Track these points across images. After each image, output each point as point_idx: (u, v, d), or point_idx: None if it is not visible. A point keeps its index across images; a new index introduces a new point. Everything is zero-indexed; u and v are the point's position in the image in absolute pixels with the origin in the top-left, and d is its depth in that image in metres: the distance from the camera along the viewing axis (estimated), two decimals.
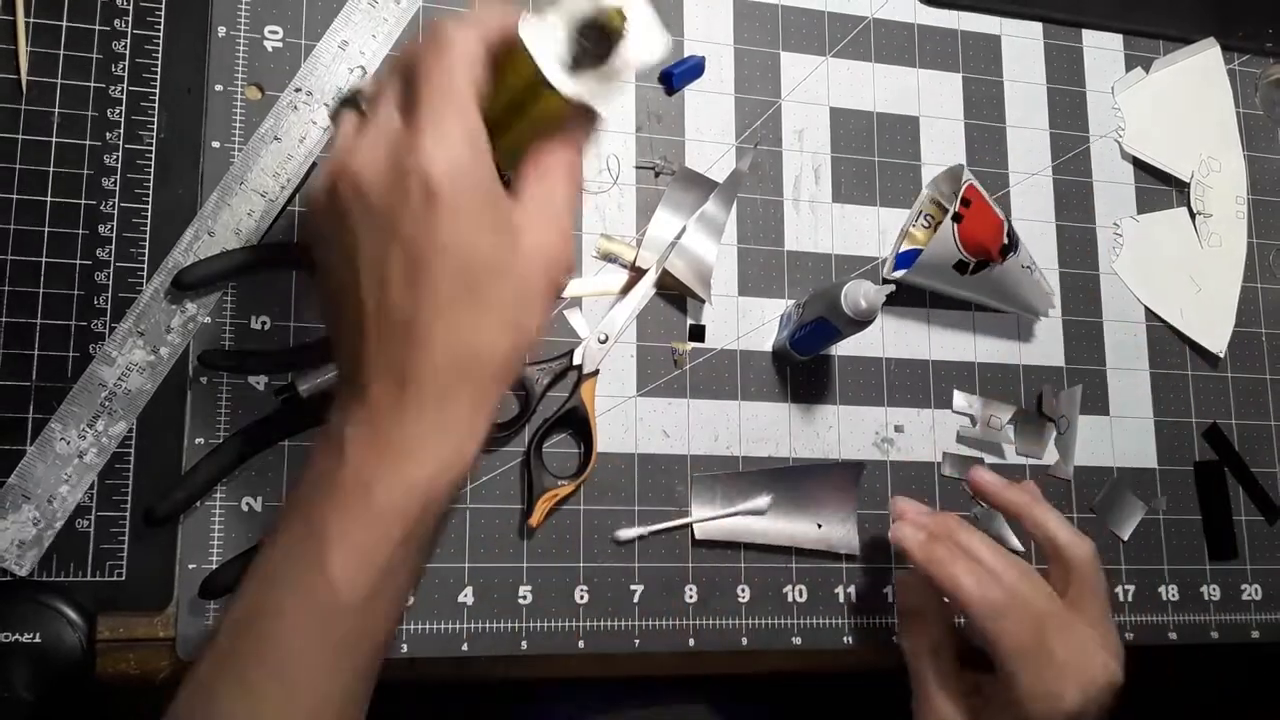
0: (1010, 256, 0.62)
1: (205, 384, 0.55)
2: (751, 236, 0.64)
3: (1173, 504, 0.68)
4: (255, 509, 0.55)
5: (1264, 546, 0.69)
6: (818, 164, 0.66)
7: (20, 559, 0.51)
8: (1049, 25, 0.73)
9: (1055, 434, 0.67)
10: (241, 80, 0.58)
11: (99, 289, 0.55)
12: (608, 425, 0.60)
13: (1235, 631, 0.67)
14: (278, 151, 0.57)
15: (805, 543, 0.61)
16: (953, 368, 0.66)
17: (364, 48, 0.60)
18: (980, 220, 0.60)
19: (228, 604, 0.43)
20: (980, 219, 0.60)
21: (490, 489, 0.58)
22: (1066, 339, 0.68)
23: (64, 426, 0.53)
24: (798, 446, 0.63)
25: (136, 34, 0.57)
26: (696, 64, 0.65)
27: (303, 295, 0.57)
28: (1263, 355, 0.72)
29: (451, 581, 0.56)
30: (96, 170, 0.55)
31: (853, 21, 0.69)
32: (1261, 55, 0.77)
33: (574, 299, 0.61)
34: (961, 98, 0.70)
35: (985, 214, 0.61)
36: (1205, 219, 0.73)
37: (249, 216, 0.56)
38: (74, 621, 0.50)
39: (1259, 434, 0.70)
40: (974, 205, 0.60)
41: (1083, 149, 0.71)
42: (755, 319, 0.63)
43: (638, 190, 0.63)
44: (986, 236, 0.60)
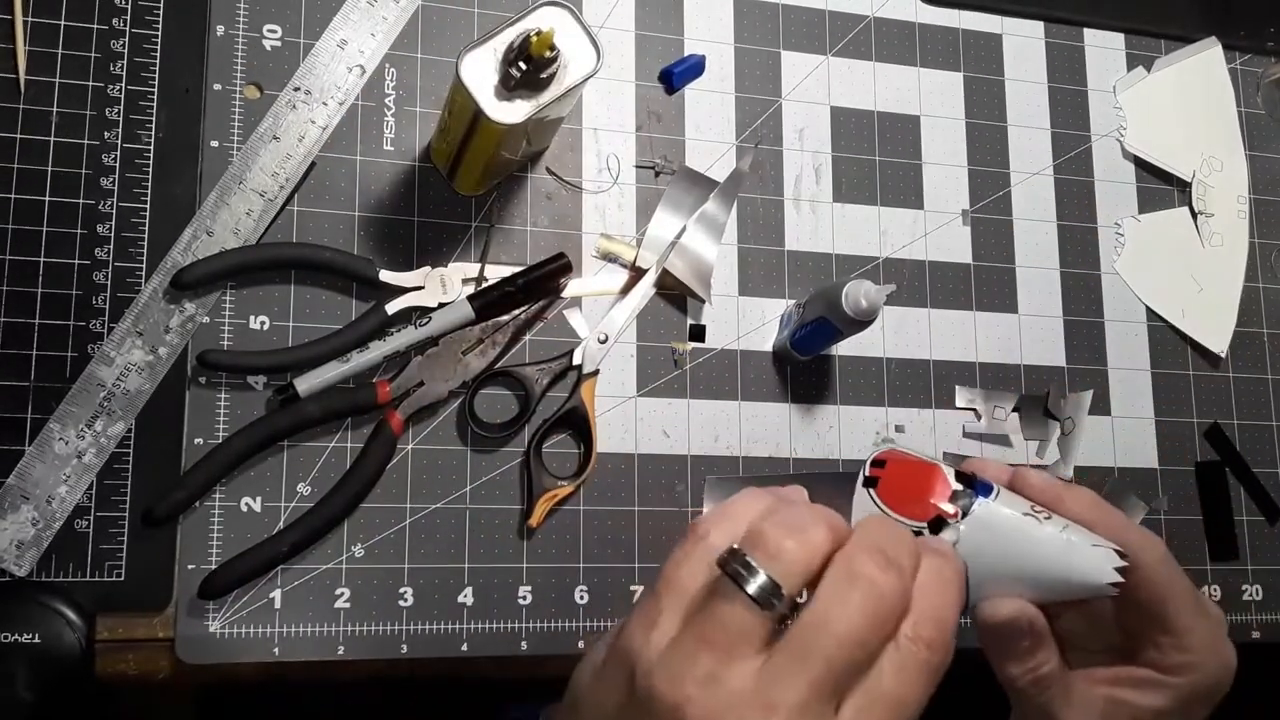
0: (981, 503, 0.40)
1: (204, 384, 0.55)
2: (752, 236, 0.64)
3: (1174, 504, 0.68)
4: (254, 509, 0.55)
5: (1265, 547, 0.69)
6: (818, 163, 0.66)
7: (19, 559, 0.51)
8: (1050, 24, 0.72)
9: (1059, 434, 0.67)
10: (240, 79, 0.58)
11: (97, 289, 0.54)
12: (608, 425, 0.60)
13: (1236, 631, 0.66)
14: (276, 151, 0.57)
15: None
16: (953, 367, 0.66)
17: (363, 46, 0.60)
18: (906, 473, 0.42)
19: None
20: (906, 472, 0.42)
21: (490, 489, 0.58)
22: (1067, 339, 0.68)
23: (62, 427, 0.53)
24: (798, 447, 0.62)
25: (135, 33, 0.57)
26: (696, 63, 0.65)
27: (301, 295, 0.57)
28: (1264, 355, 0.72)
29: (451, 582, 0.56)
30: (95, 169, 0.55)
31: (853, 20, 0.69)
32: (1263, 54, 0.76)
33: (574, 299, 0.61)
34: (962, 97, 0.70)
35: (912, 465, 0.43)
36: (1207, 218, 0.73)
37: (248, 216, 0.56)
38: (73, 622, 0.50)
39: (1260, 434, 0.70)
40: (891, 465, 0.42)
41: (1084, 148, 0.71)
42: (755, 319, 0.63)
43: (638, 190, 0.63)
44: (921, 488, 0.42)
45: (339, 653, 0.54)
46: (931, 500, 0.39)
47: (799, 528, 0.33)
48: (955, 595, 0.33)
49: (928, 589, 0.33)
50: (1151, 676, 0.43)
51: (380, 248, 0.58)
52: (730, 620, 0.31)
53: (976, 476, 0.40)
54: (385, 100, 0.60)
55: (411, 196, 0.60)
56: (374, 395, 0.55)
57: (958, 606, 0.33)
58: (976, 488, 0.40)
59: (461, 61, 0.49)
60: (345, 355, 0.56)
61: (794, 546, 0.32)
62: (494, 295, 0.58)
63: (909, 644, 0.31)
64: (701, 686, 0.30)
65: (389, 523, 0.56)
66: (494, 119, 0.49)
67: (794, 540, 0.32)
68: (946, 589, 0.33)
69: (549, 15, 0.50)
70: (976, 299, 0.67)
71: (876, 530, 0.34)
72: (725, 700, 0.30)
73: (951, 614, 0.33)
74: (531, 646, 0.57)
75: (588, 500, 0.59)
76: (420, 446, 0.57)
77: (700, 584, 0.32)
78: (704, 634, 0.31)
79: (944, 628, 0.32)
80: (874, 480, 0.41)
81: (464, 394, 0.57)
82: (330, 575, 0.55)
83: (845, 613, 0.30)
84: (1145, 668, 0.43)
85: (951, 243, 0.67)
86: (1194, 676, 0.42)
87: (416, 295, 0.57)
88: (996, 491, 0.40)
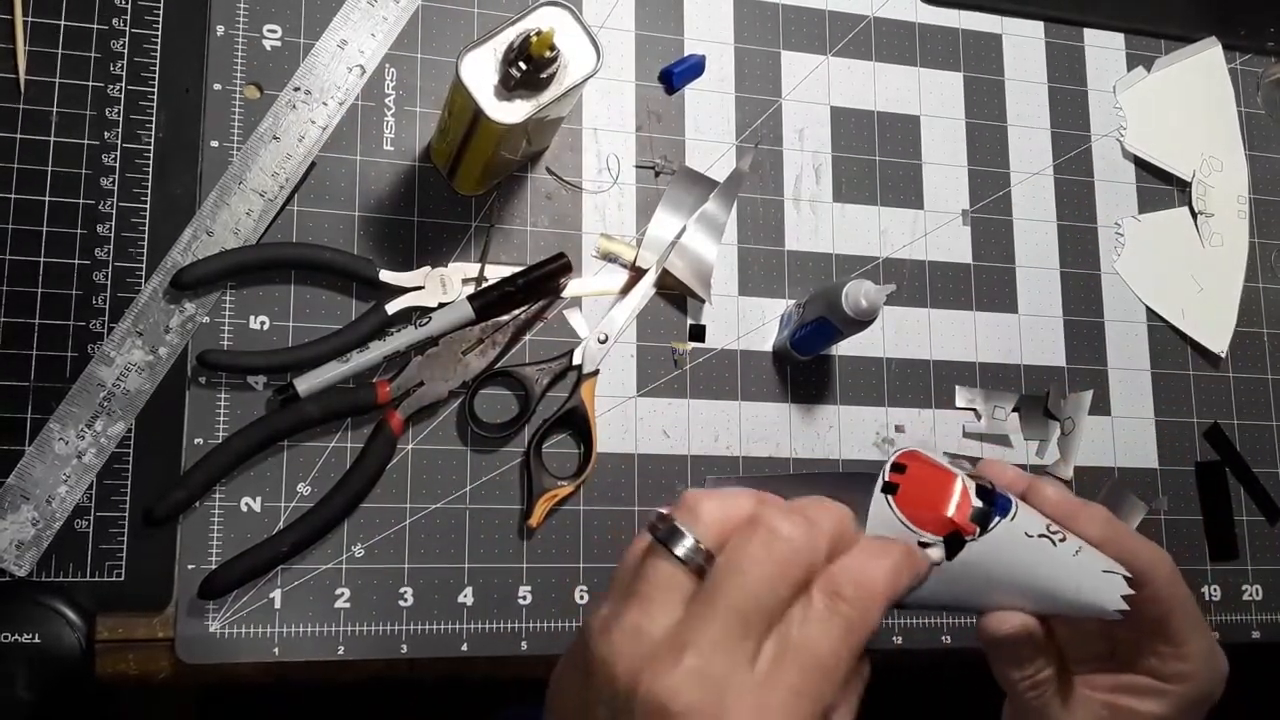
0: (998, 522, 0.40)
1: (204, 384, 0.55)
2: (752, 236, 0.64)
3: (1174, 504, 0.68)
4: (254, 509, 0.55)
5: (1265, 547, 0.69)
6: (818, 163, 0.66)
7: (19, 559, 0.51)
8: (1050, 24, 0.72)
9: (1059, 434, 0.67)
10: (240, 79, 0.58)
11: (97, 289, 0.54)
12: (607, 425, 0.60)
13: (1236, 631, 0.67)
14: (276, 151, 0.57)
15: None
16: (954, 367, 0.66)
17: (363, 46, 0.60)
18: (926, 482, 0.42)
19: None
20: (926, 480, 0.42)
21: (490, 489, 0.58)
22: (1068, 339, 0.68)
23: (62, 427, 0.53)
24: (798, 447, 0.62)
25: (135, 33, 0.57)
26: (696, 63, 0.65)
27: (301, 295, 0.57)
28: (1264, 355, 0.72)
29: (451, 582, 0.56)
30: (95, 169, 0.55)
31: (853, 20, 0.69)
32: (1263, 54, 0.76)
33: (574, 299, 0.61)
34: (962, 97, 0.70)
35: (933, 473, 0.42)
36: (1207, 218, 0.73)
37: (248, 216, 0.56)
38: (73, 622, 0.50)
39: (1260, 434, 0.70)
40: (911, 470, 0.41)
41: (1084, 148, 0.71)
42: (755, 319, 0.63)
43: (638, 190, 0.63)
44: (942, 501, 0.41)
45: (339, 653, 0.54)
46: (949, 515, 0.39)
47: (725, 494, 0.35)
48: (888, 567, 0.34)
49: (856, 554, 0.34)
50: (1151, 684, 0.44)
51: (380, 248, 0.58)
52: (653, 576, 0.33)
53: (996, 490, 0.40)
54: (385, 100, 0.60)
55: (411, 196, 0.60)
56: (374, 395, 0.55)
57: (889, 579, 0.34)
58: (996, 503, 0.40)
59: (461, 61, 0.49)
60: (345, 355, 0.56)
61: (713, 506, 0.34)
62: (494, 295, 0.58)
63: (820, 595, 0.32)
64: (629, 638, 0.32)
65: (389, 523, 0.56)
66: (494, 119, 0.49)
67: (714, 501, 0.34)
68: (877, 558, 0.34)
69: (549, 15, 0.50)
70: (976, 299, 0.67)
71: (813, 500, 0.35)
72: (647, 648, 0.31)
73: (878, 580, 0.33)
74: (531, 646, 0.57)
75: (588, 500, 0.59)
76: (420, 446, 0.57)
77: (639, 556, 0.34)
78: (633, 591, 0.33)
79: (863, 590, 0.33)
80: (893, 486, 0.41)
81: (464, 394, 0.57)
82: (330, 575, 0.55)
83: (747, 554, 0.32)
84: (1144, 675, 0.44)
85: (951, 243, 0.67)
86: (1191, 685, 0.43)
87: (416, 295, 0.57)
88: (1015, 509, 0.40)
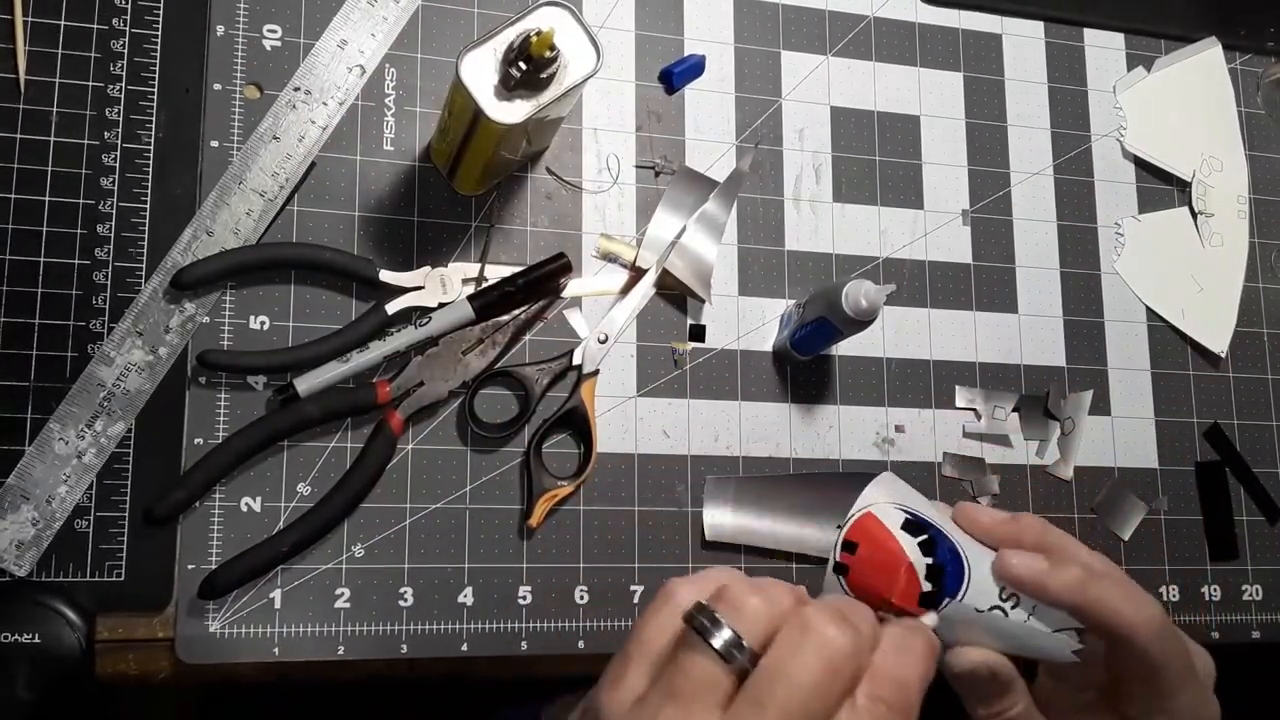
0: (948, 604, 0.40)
1: (204, 384, 0.55)
2: (752, 236, 0.64)
3: (1174, 504, 0.68)
4: (254, 509, 0.55)
5: (1265, 547, 0.69)
6: (818, 163, 0.66)
7: (19, 559, 0.51)
8: (1050, 24, 0.72)
9: (1059, 434, 0.67)
10: (240, 79, 0.58)
11: (97, 289, 0.54)
12: (607, 425, 0.60)
13: (1236, 631, 0.67)
14: (276, 151, 0.57)
15: (813, 549, 0.61)
16: (954, 367, 0.66)
17: (363, 46, 0.60)
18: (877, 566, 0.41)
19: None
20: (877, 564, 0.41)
21: (490, 489, 0.58)
22: (1068, 339, 0.68)
23: (62, 427, 0.53)
24: (798, 447, 0.62)
25: (135, 33, 0.57)
26: (696, 63, 0.65)
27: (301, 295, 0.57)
28: (1264, 355, 0.72)
29: (451, 582, 0.56)
30: (95, 169, 0.55)
31: (853, 20, 0.69)
32: (1263, 54, 0.76)
33: (574, 299, 0.61)
34: (962, 97, 0.70)
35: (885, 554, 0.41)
36: (1207, 218, 0.73)
37: (248, 216, 0.56)
38: (73, 622, 0.50)
39: (1260, 434, 0.70)
40: (863, 549, 0.41)
41: (1084, 148, 0.71)
42: (755, 319, 0.63)
43: (638, 190, 0.63)
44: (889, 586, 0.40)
45: (339, 653, 0.54)
46: (897, 602, 0.40)
47: (764, 587, 0.33)
48: (918, 661, 0.33)
49: (889, 653, 0.33)
50: None
51: (380, 248, 0.58)
52: (693, 672, 0.31)
53: (946, 569, 0.40)
54: (385, 100, 0.60)
55: (411, 196, 0.60)
56: (374, 395, 0.55)
57: (922, 673, 0.33)
58: (945, 585, 0.40)
59: (461, 61, 0.49)
60: (345, 355, 0.56)
61: (758, 603, 0.32)
62: (494, 295, 0.58)
63: (866, 702, 0.31)
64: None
65: (389, 523, 0.56)
66: (494, 119, 0.49)
67: (758, 597, 0.33)
68: (909, 655, 0.33)
69: (549, 15, 0.50)
70: (976, 299, 0.67)
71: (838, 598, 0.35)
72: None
73: (913, 677, 0.33)
74: (531, 646, 0.57)
75: (588, 500, 0.59)
76: (420, 446, 0.57)
77: (667, 640, 0.32)
78: (668, 687, 0.31)
79: (904, 690, 0.32)
80: (844, 567, 0.41)
81: (464, 394, 0.57)
82: (330, 575, 0.55)
83: (798, 662, 0.31)
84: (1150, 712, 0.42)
85: (951, 243, 0.67)
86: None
87: (416, 295, 0.57)
88: (966, 587, 0.40)
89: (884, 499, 0.42)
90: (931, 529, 0.41)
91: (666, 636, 0.32)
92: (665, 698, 0.31)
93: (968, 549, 0.41)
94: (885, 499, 0.42)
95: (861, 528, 0.41)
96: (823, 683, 0.31)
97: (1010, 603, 0.40)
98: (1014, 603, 0.40)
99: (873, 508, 0.41)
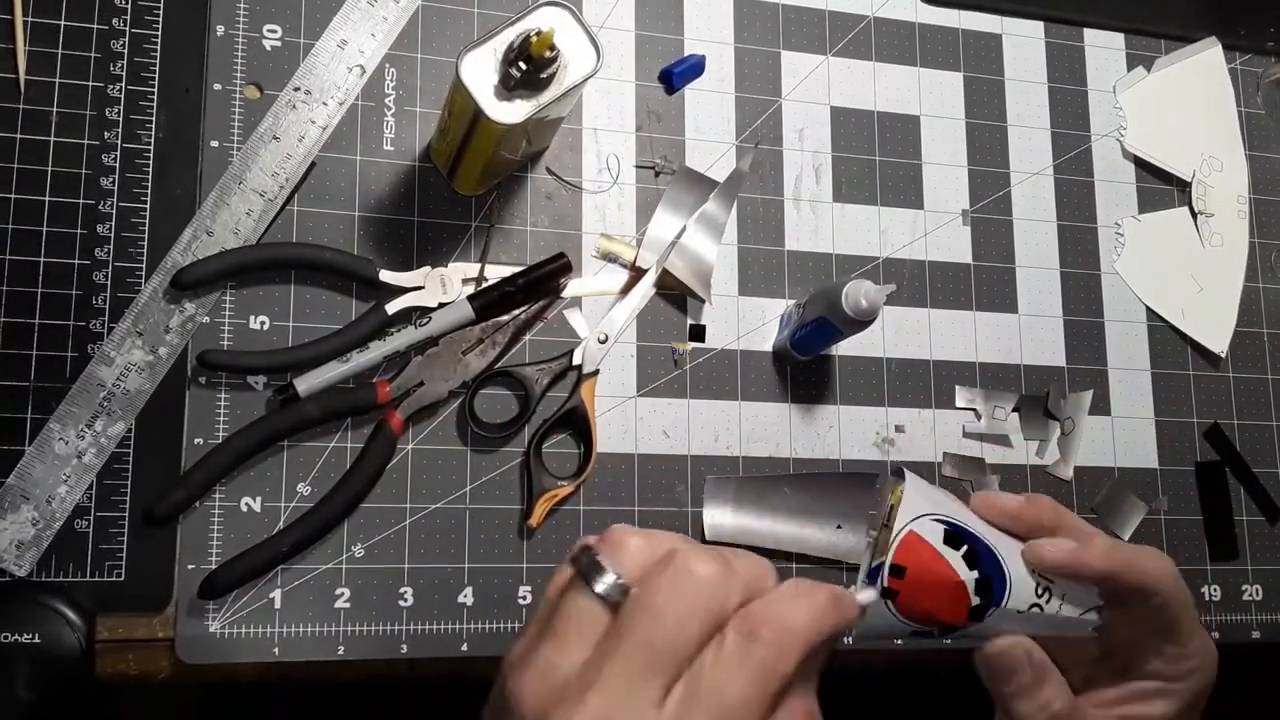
0: (993, 613, 0.41)
1: (204, 384, 0.55)
2: (752, 236, 0.64)
3: (1174, 504, 0.68)
4: (254, 509, 0.55)
5: (1265, 547, 0.69)
6: (818, 163, 0.66)
7: (19, 559, 0.51)
8: (1050, 24, 0.72)
9: (1059, 434, 0.67)
10: (240, 79, 0.58)
11: (97, 289, 0.54)
12: (607, 425, 0.60)
13: (1236, 631, 0.67)
14: (276, 151, 0.57)
15: (813, 549, 0.61)
16: (954, 367, 0.66)
17: (363, 46, 0.60)
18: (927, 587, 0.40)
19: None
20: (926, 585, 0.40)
21: (490, 489, 0.58)
22: (1068, 339, 0.68)
23: (62, 427, 0.53)
24: (798, 447, 0.62)
25: (135, 33, 0.57)
26: (696, 63, 0.65)
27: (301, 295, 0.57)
28: (1264, 355, 0.72)
29: (451, 582, 0.56)
30: (95, 169, 0.55)
31: (853, 20, 0.69)
32: (1263, 54, 0.76)
33: (574, 299, 0.61)
34: (962, 97, 0.70)
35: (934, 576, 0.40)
36: (1207, 218, 0.73)
37: (248, 216, 0.56)
38: (73, 622, 0.50)
39: (1260, 434, 0.70)
40: (911, 573, 0.40)
41: (1084, 148, 0.71)
42: (755, 319, 0.63)
43: (638, 190, 0.63)
44: (941, 606, 0.40)
45: (339, 653, 0.54)
46: (949, 620, 0.40)
47: (651, 534, 0.33)
48: (808, 608, 0.33)
49: (775, 597, 0.33)
50: (1158, 687, 0.44)
51: (380, 248, 0.58)
52: (571, 611, 0.31)
53: (991, 580, 0.40)
54: (385, 100, 0.60)
55: (411, 196, 0.60)
56: (374, 395, 0.55)
57: (810, 620, 0.32)
58: (993, 598, 0.40)
59: (461, 61, 0.49)
60: (345, 355, 0.56)
61: (638, 542, 0.33)
62: (494, 295, 0.58)
63: (733, 635, 0.31)
64: (539, 676, 0.30)
65: (389, 523, 0.56)
66: (494, 119, 0.49)
67: (639, 538, 0.33)
68: (797, 600, 0.33)
69: (549, 15, 0.50)
70: (976, 299, 0.67)
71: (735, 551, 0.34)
72: (556, 686, 0.30)
73: (797, 621, 0.32)
74: None
75: (588, 500, 0.59)
76: (420, 446, 0.57)
77: (560, 588, 0.33)
78: (549, 627, 0.32)
79: (779, 629, 0.31)
80: (892, 592, 0.40)
81: (464, 394, 0.57)
82: (330, 575, 0.55)
83: (659, 592, 0.31)
84: (1150, 679, 0.44)
85: (951, 243, 0.67)
86: (1197, 679, 0.44)
87: (416, 295, 0.57)
88: (1008, 592, 0.41)
89: (921, 511, 0.41)
90: (969, 537, 0.41)
91: (559, 586, 0.33)
92: (545, 637, 0.31)
93: (999, 548, 0.42)
94: (921, 511, 0.41)
95: (908, 550, 0.40)
96: (685, 612, 0.31)
97: (1045, 597, 0.41)
98: (1048, 596, 0.41)
99: (914, 526, 0.41)
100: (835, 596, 0.34)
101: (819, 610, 0.33)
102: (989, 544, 0.41)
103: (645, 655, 0.30)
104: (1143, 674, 0.44)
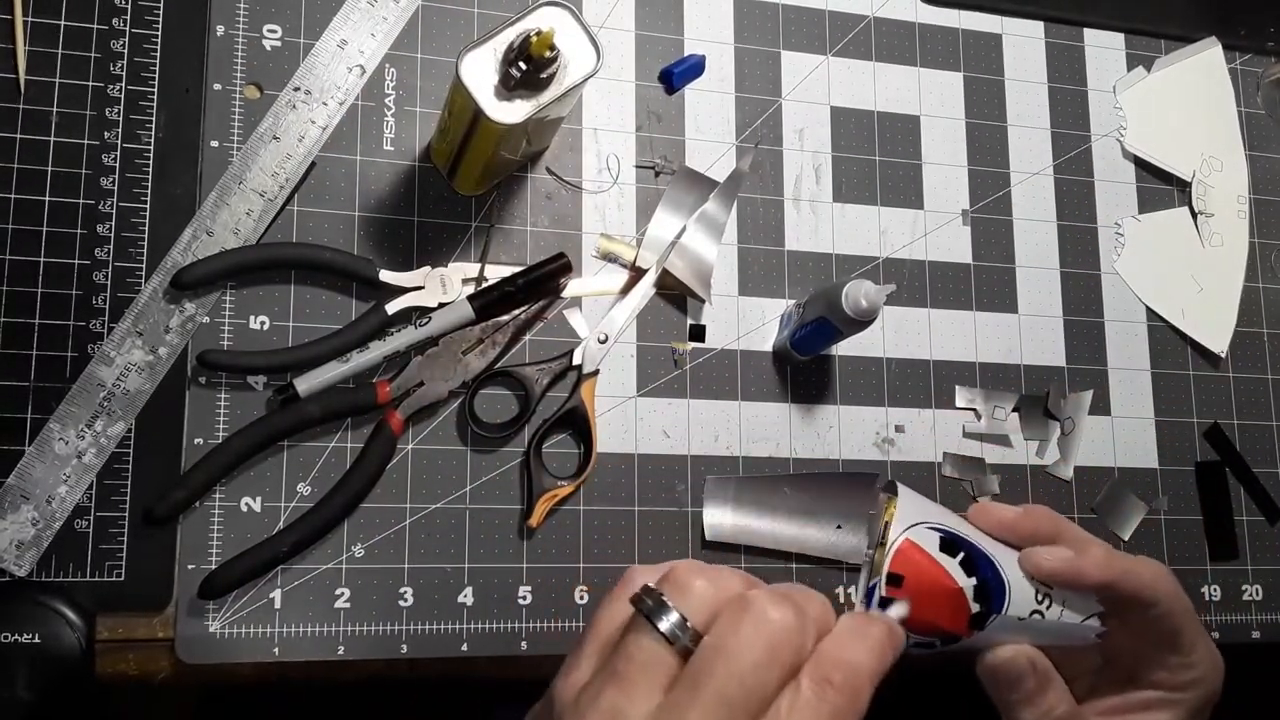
0: (994, 620, 0.41)
1: (204, 384, 0.55)
2: (752, 236, 0.64)
3: (1174, 504, 0.68)
4: (254, 509, 0.55)
5: (1265, 547, 0.69)
6: (818, 163, 0.66)
7: (19, 559, 0.51)
8: (1050, 24, 0.72)
9: (1059, 434, 0.67)
10: (240, 79, 0.58)
11: (97, 289, 0.54)
12: (607, 425, 0.60)
13: (1236, 631, 0.67)
14: (276, 151, 0.57)
15: (813, 549, 0.61)
16: (954, 367, 0.66)
17: (363, 46, 0.60)
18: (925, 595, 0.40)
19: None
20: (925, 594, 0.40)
21: (490, 489, 0.58)
22: (1068, 339, 0.68)
23: (62, 427, 0.53)
24: (798, 447, 0.62)
25: (135, 33, 0.57)
26: (696, 63, 0.65)
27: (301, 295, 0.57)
28: (1264, 355, 0.72)
29: (451, 582, 0.56)
30: (95, 169, 0.55)
31: (853, 20, 0.69)
32: (1263, 54, 0.76)
33: (574, 299, 0.61)
34: (962, 97, 0.70)
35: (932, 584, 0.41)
36: (1207, 218, 0.73)
37: (248, 216, 0.56)
38: (73, 622, 0.50)
39: (1260, 434, 0.70)
40: (909, 581, 0.40)
41: (1084, 148, 0.71)
42: (755, 319, 0.63)
43: (638, 190, 0.63)
44: (941, 614, 0.40)
45: (339, 653, 0.54)
46: (949, 629, 0.40)
47: (714, 571, 0.33)
48: (872, 647, 0.33)
49: (840, 638, 0.33)
50: (1161, 697, 0.44)
51: (380, 248, 0.58)
52: (636, 654, 0.31)
53: (990, 586, 0.40)
54: (385, 100, 0.60)
55: (411, 196, 0.60)
56: (374, 395, 0.55)
57: (875, 659, 0.33)
58: (993, 605, 0.40)
59: (461, 61, 0.49)
60: (345, 355, 0.56)
61: (703, 584, 0.32)
62: (494, 295, 0.58)
63: (808, 683, 0.31)
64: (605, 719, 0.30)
65: (389, 523, 0.56)
66: (494, 119, 0.49)
67: (704, 579, 0.32)
68: (862, 640, 0.33)
69: (549, 15, 0.50)
70: (976, 299, 0.67)
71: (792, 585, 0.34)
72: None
73: (864, 663, 0.32)
74: (531, 646, 0.57)
75: (588, 500, 0.59)
76: (420, 446, 0.57)
77: (618, 625, 0.32)
78: (613, 669, 0.31)
79: (852, 675, 0.31)
80: (889, 600, 0.40)
81: (464, 394, 0.57)
82: (330, 575, 0.55)
83: (737, 640, 0.30)
84: (1153, 689, 0.44)
85: (951, 243, 0.67)
86: (1201, 690, 0.44)
87: (416, 295, 0.57)
88: (1008, 599, 0.41)
89: (915, 519, 0.41)
90: (964, 544, 0.41)
91: (617, 622, 0.32)
92: (609, 679, 0.31)
93: (997, 556, 0.41)
94: (915, 519, 0.41)
95: (904, 559, 0.40)
96: (762, 661, 0.30)
97: (1045, 603, 0.41)
98: (1048, 603, 0.41)
99: (909, 534, 0.41)
100: (889, 629, 0.34)
101: (881, 647, 0.33)
102: (986, 551, 0.41)
103: (722, 704, 0.29)
104: (1146, 683, 0.44)
